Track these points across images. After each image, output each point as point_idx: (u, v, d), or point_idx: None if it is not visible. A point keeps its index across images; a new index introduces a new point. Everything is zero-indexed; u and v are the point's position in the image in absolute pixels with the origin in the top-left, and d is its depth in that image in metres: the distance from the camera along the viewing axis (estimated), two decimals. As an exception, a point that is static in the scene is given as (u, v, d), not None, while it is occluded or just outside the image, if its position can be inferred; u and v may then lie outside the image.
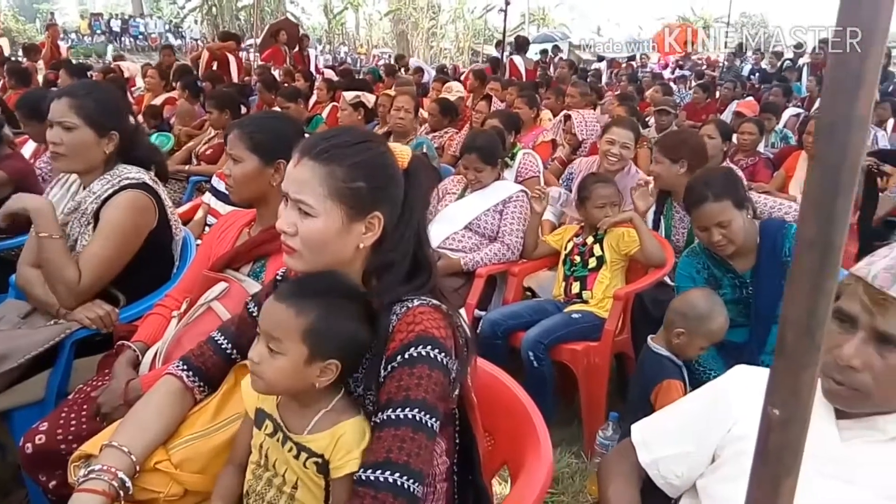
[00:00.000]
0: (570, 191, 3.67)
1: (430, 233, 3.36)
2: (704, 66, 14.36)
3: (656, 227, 3.16)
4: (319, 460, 1.17)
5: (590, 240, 3.00)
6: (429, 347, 1.14)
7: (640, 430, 1.34)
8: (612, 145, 3.47)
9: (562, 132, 5.11)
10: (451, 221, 3.21)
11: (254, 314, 1.38)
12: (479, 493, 1.38)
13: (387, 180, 1.23)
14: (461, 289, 3.02)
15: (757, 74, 11.61)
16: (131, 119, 2.28)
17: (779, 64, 11.60)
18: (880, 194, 4.03)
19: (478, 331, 2.91)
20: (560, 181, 4.05)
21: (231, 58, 9.17)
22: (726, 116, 7.07)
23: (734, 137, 4.79)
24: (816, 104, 8.16)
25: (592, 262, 2.95)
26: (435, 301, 1.22)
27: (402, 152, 1.28)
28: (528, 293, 3.31)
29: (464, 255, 3.09)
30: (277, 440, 1.23)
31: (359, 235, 1.22)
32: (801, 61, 11.70)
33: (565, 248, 3.07)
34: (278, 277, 1.42)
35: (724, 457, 1.20)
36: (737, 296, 2.34)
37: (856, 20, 0.48)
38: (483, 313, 3.04)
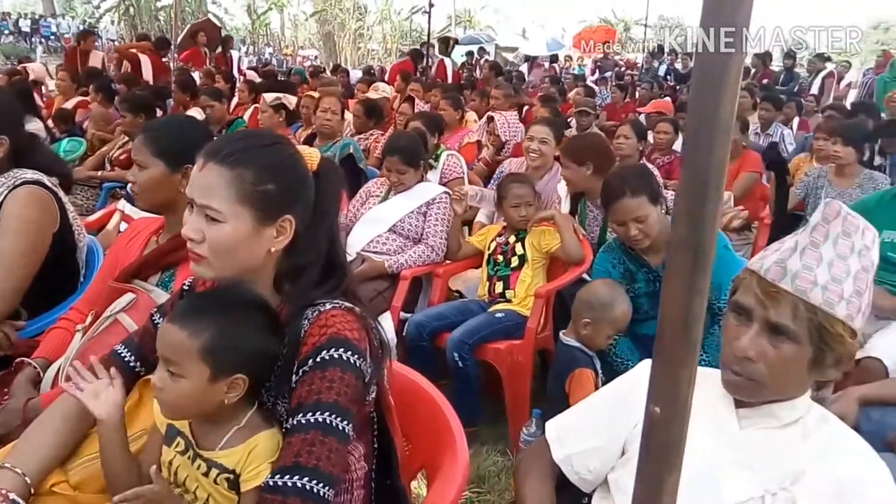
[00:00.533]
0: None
1: (355, 235, 3.34)
2: (624, 68, 14.77)
3: None
4: (231, 476, 1.15)
5: (511, 239, 3.03)
6: (341, 350, 1.13)
7: (554, 427, 1.35)
8: (531, 142, 3.60)
9: (486, 133, 5.16)
10: (376, 224, 3.19)
11: (159, 325, 1.33)
12: (397, 498, 1.37)
13: (297, 183, 1.21)
14: (386, 291, 3.01)
15: (672, 75, 12.03)
16: (39, 123, 2.16)
17: (692, 65, 12.07)
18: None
19: (404, 333, 2.91)
20: (491, 182, 4.11)
21: (145, 59, 8.83)
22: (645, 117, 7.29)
23: (651, 136, 4.94)
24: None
25: (515, 262, 2.99)
26: (348, 304, 1.21)
27: (310, 154, 1.26)
28: (457, 294, 3.33)
29: (388, 257, 3.08)
30: (188, 458, 1.19)
31: (270, 240, 1.19)
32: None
33: (489, 248, 3.10)
34: (185, 287, 1.38)
35: (632, 450, 1.23)
36: (650, 289, 2.41)
37: (718, 22, 0.49)
38: (409, 315, 3.04)
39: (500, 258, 3.03)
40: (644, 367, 1.33)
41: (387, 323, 2.95)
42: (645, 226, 2.33)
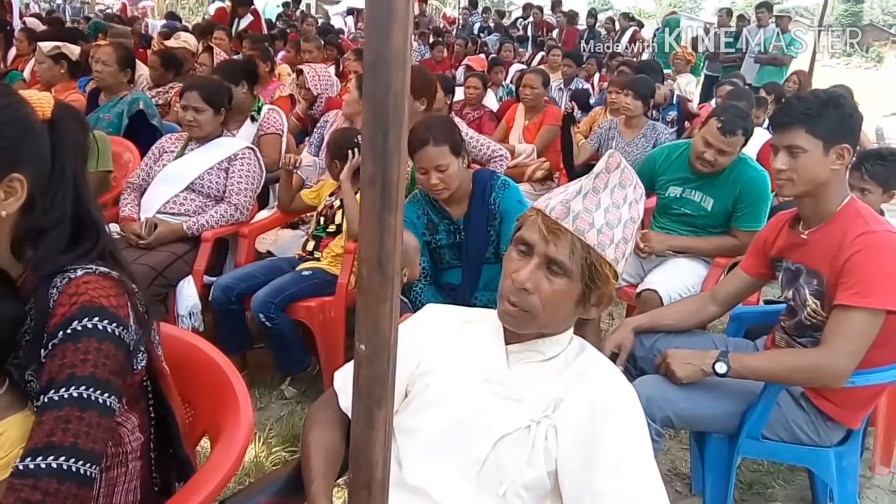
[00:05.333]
0: (322, 140, 3.70)
1: (149, 196, 3.09)
2: (442, 24, 14.91)
3: None
4: None
5: (336, 203, 2.93)
6: (96, 319, 1.04)
7: (341, 377, 1.36)
8: None
9: (296, 87, 5.00)
10: (172, 182, 2.96)
11: None
12: (180, 466, 1.32)
13: (20, 135, 1.07)
14: (186, 255, 2.84)
15: (485, 31, 12.35)
16: None
17: (502, 21, 12.49)
18: (582, 139, 4.54)
19: (209, 298, 2.78)
20: (309, 136, 4.02)
21: None
22: (462, 72, 7.43)
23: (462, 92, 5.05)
24: (537, 59, 8.89)
25: (332, 228, 2.90)
26: (104, 268, 1.11)
27: (41, 100, 1.12)
28: (268, 255, 3.22)
29: (187, 218, 2.90)
30: None
31: None
32: (522, 22, 12.74)
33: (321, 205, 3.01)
34: None
35: (414, 392, 1.26)
36: (451, 241, 2.48)
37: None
38: (215, 279, 2.91)
39: (322, 219, 2.93)
40: (425, 312, 1.37)
41: (189, 288, 2.81)
42: (445, 175, 2.39)
